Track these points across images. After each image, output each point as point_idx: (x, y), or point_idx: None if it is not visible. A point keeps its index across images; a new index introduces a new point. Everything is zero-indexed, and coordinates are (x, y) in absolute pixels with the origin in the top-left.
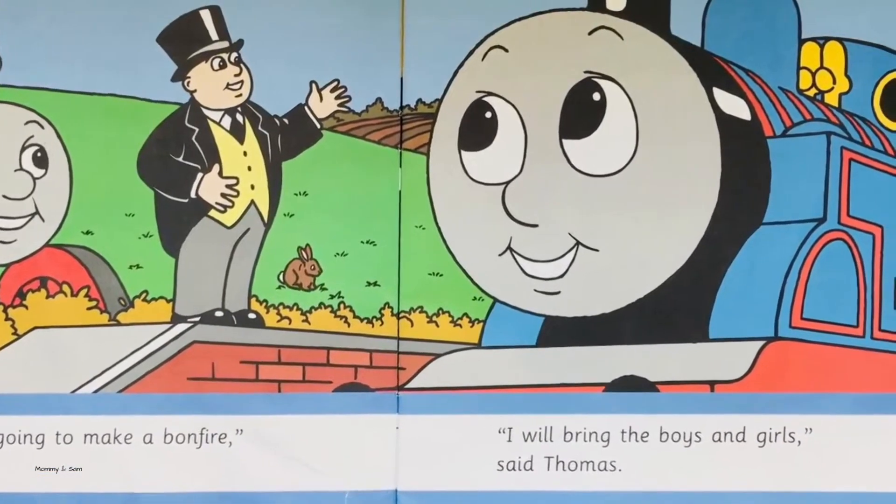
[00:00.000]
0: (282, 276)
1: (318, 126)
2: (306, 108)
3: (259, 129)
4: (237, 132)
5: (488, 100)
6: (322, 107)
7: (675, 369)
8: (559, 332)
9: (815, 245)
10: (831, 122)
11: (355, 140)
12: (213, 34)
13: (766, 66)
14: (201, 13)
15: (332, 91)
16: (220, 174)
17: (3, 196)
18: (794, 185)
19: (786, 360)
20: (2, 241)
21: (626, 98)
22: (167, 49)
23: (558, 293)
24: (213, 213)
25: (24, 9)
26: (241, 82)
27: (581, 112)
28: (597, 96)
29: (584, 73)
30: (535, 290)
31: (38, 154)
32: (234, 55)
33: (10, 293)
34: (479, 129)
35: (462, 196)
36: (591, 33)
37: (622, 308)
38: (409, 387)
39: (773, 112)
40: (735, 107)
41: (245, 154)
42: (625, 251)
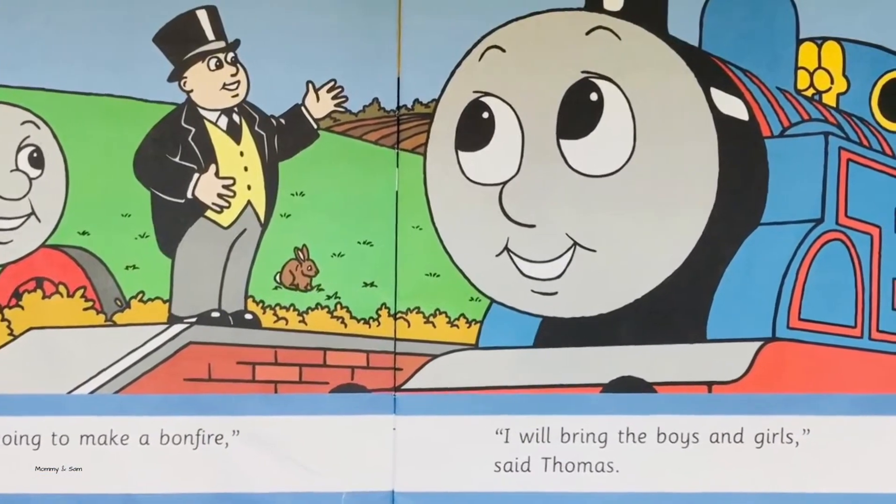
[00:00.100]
0: (278, 277)
1: (315, 126)
2: (303, 108)
3: (256, 129)
4: (234, 132)
5: (485, 100)
6: (319, 107)
7: (673, 370)
8: (556, 332)
9: (812, 245)
10: (829, 122)
11: (352, 140)
12: (210, 34)
13: (763, 67)
14: (198, 13)
15: (329, 91)
16: (216, 174)
17: None
18: (792, 186)
19: (783, 360)
20: None
21: (624, 98)
22: (163, 49)
23: (555, 294)
24: (209, 213)
25: (19, 9)
26: (238, 82)
27: (578, 112)
28: (594, 96)
29: (582, 73)
30: (533, 291)
31: (35, 154)
32: (231, 55)
33: (7, 294)
34: (476, 129)
35: (459, 196)
36: (588, 33)
37: (620, 308)
38: (406, 387)
39: (770, 112)
40: (733, 107)
41: (241, 154)
42: (622, 251)
